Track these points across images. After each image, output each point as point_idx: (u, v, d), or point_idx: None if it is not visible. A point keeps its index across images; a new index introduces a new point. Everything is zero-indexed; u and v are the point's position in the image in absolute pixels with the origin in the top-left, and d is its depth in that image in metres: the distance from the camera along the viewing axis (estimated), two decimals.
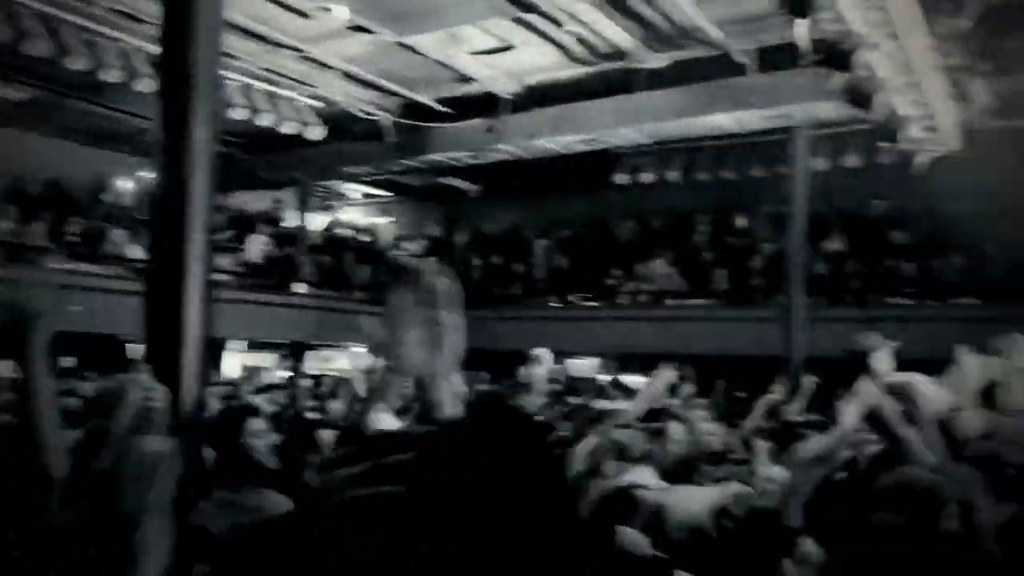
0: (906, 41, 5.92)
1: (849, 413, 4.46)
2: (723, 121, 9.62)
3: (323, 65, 10.20)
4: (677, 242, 12.71)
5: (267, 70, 10.07)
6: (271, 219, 13.54)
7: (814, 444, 2.97)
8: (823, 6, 5.18)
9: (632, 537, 2.54)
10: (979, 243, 9.92)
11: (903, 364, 5.58)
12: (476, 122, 11.02)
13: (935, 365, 5.33)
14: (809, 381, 6.91)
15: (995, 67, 7.43)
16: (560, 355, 11.86)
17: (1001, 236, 9.67)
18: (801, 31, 5.37)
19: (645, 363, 6.94)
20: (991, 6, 7.10)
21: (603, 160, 12.17)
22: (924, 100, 6.74)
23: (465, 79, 10.47)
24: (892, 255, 10.85)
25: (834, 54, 5.85)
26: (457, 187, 14.94)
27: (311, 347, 12.59)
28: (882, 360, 4.52)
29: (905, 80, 6.33)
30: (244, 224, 12.56)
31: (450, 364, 1.21)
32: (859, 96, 6.28)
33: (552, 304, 12.92)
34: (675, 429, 3.40)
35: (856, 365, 5.48)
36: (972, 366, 4.55)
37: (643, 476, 2.96)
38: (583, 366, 12.35)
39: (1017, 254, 9.67)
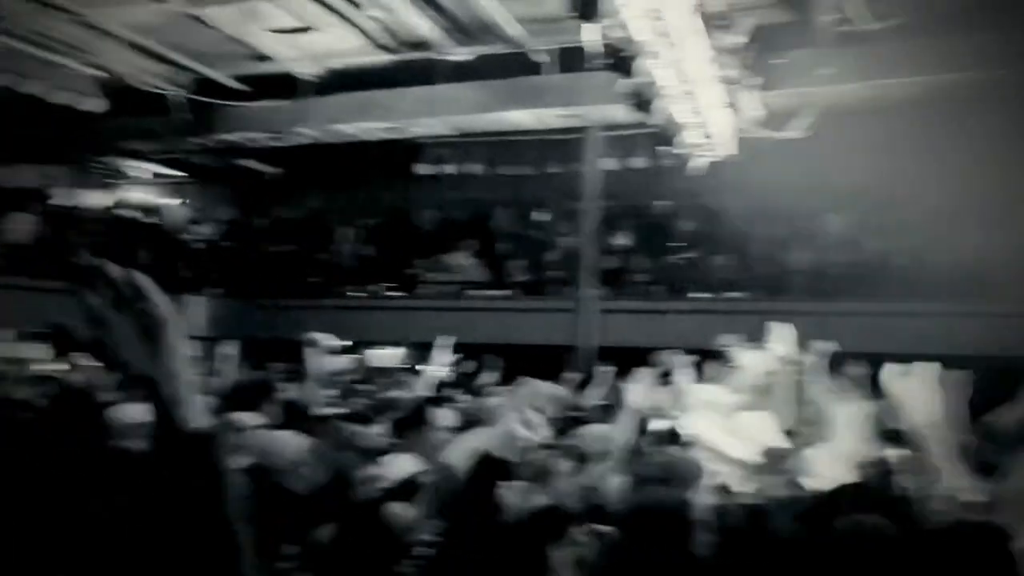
0: (684, 52, 6.36)
1: (635, 393, 4.78)
2: (523, 117, 9.91)
3: (105, 32, 9.41)
4: (479, 234, 12.92)
5: (38, 33, 9.14)
6: (40, 196, 12.32)
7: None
8: (609, 13, 5.45)
9: (396, 510, 2.56)
10: (746, 241, 10.89)
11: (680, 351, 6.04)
12: (276, 103, 10.64)
13: (710, 353, 5.82)
14: (601, 368, 7.31)
15: (764, 81, 8.16)
16: (363, 344, 11.74)
17: (765, 235, 10.70)
18: (589, 35, 5.62)
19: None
20: (761, 25, 7.78)
21: (407, 149, 12.15)
22: (700, 108, 7.27)
23: (263, 58, 10.06)
24: (673, 251, 11.64)
25: (620, 59, 6.18)
26: (255, 169, 14.33)
27: None
28: (684, 377, 4.88)
29: (683, 89, 6.80)
30: (6, 201, 11.34)
31: (179, 359, 1.15)
32: (641, 101, 6.69)
33: (354, 293, 12.72)
34: (441, 415, 3.46)
35: (640, 356, 5.88)
36: (747, 362, 5.01)
37: (404, 464, 2.98)
38: (386, 356, 12.26)
39: (778, 251, 10.77)
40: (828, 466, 3.08)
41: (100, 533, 1.85)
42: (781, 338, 4.65)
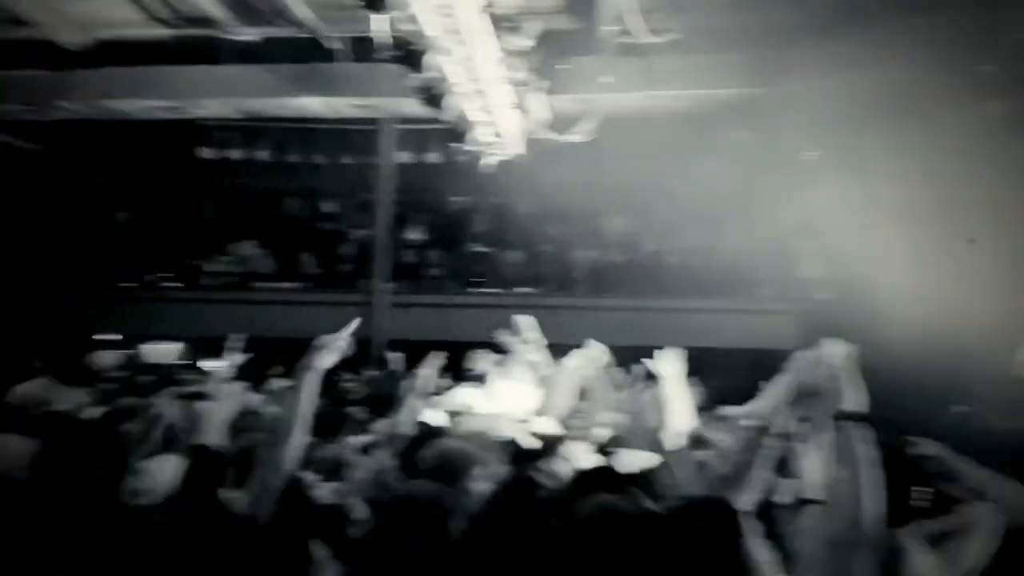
0: (474, 51, 6.44)
1: (421, 383, 4.83)
2: (314, 105, 9.61)
3: None
4: (267, 223, 12.44)
5: None
6: None
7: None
8: (398, 5, 5.41)
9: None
10: (535, 238, 11.31)
11: (472, 345, 6.17)
12: (33, 73, 9.63)
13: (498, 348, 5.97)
14: (395, 358, 7.32)
15: (551, 85, 8.45)
16: (137, 340, 11.08)
17: (552, 233, 11.18)
18: (378, 25, 5.57)
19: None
20: (548, 31, 8.05)
21: (190, 131, 11.45)
22: (490, 108, 7.41)
23: (19, 22, 9.06)
24: (467, 246, 11.85)
25: (410, 53, 6.17)
26: (11, 144, 12.87)
27: None
28: (507, 391, 4.96)
29: (473, 87, 6.90)
30: None
31: None
32: (432, 96, 6.71)
33: (125, 285, 11.83)
34: (209, 408, 3.33)
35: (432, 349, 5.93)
36: (532, 358, 5.19)
37: (164, 464, 2.83)
38: (163, 351, 11.55)
39: (564, 249, 11.29)
40: (584, 450, 3.26)
41: None
42: (528, 329, 4.87)
